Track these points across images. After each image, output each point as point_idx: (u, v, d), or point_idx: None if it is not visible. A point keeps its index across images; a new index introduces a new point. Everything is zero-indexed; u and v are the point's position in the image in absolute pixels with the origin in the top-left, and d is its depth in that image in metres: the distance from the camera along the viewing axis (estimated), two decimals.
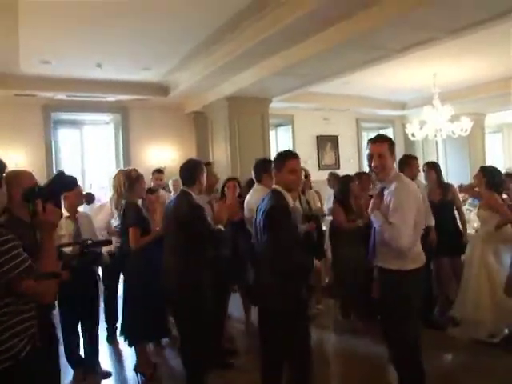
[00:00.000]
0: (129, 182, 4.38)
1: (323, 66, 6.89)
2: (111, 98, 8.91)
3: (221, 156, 9.17)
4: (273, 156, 3.62)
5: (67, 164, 9.50)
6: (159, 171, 7.38)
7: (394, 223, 3.02)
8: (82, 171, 9.70)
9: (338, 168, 11.90)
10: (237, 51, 6.36)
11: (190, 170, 3.78)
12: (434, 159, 11.97)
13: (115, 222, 4.99)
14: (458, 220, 5.64)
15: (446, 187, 5.61)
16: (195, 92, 8.82)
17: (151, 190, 5.37)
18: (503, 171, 11.54)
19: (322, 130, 11.89)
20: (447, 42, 6.01)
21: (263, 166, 4.50)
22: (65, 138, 9.65)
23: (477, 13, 4.97)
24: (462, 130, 8.79)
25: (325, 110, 11.37)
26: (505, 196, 5.22)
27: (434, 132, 8.87)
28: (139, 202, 4.62)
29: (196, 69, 7.54)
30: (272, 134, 10.44)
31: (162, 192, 6.35)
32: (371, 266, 3.38)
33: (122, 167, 9.37)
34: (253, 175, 4.76)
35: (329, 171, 11.48)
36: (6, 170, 2.39)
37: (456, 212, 5.64)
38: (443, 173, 6.16)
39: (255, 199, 4.10)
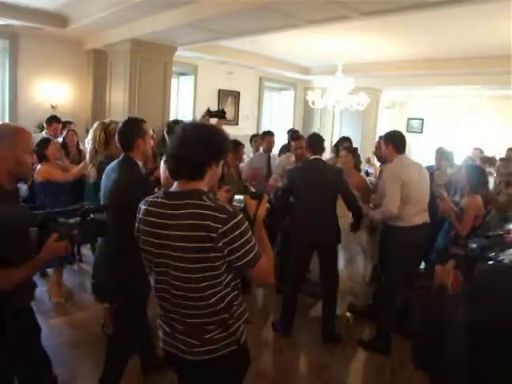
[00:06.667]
0: (105, 135, 4.00)
1: (236, 26, 6.75)
2: None
3: (118, 100, 8.72)
4: (172, 105, 3.52)
5: None
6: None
7: None
8: None
9: (237, 124, 11.91)
10: None
11: None
12: (329, 128, 12.43)
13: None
14: None
15: None
16: (98, 28, 8.17)
17: None
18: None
19: (225, 84, 11.70)
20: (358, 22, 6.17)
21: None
22: None
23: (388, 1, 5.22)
24: (359, 104, 9.13)
25: (230, 64, 11.17)
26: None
27: (333, 103, 9.13)
28: None
29: (101, 3, 6.91)
30: (174, 81, 10.10)
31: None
32: None
33: (6, 99, 8.61)
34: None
35: (227, 126, 11.48)
36: None
37: None
38: None
39: None
